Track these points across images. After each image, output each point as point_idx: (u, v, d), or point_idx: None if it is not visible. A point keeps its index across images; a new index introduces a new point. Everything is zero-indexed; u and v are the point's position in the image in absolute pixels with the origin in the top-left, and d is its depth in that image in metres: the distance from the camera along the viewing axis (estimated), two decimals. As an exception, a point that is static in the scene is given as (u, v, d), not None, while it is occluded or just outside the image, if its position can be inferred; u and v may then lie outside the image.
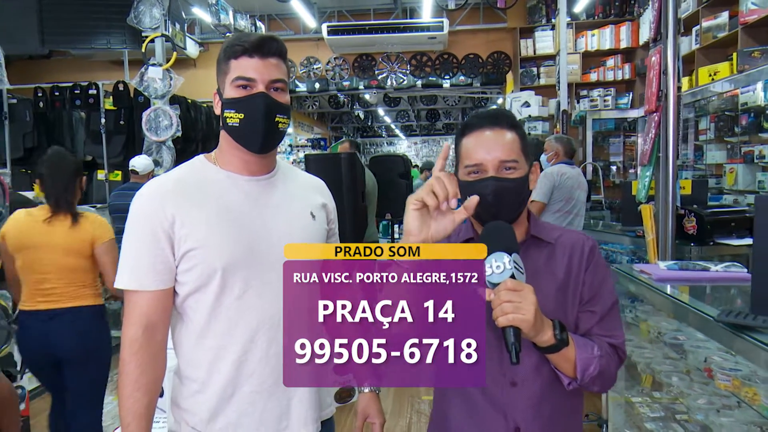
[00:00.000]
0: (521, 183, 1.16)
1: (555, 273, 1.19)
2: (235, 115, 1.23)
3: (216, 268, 1.21)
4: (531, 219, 1.24)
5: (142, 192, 1.26)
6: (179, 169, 1.32)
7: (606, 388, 1.18)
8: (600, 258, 1.22)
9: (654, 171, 2.79)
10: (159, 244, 1.21)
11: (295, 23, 8.80)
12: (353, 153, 4.34)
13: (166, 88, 5.52)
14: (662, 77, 2.69)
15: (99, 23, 5.84)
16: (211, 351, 1.24)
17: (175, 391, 1.31)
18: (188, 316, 1.26)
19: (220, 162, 1.30)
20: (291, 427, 1.27)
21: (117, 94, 6.50)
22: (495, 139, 1.16)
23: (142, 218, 1.22)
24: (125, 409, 1.21)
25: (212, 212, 1.23)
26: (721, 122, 4.82)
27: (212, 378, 1.24)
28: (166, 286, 1.23)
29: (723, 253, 2.75)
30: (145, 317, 1.22)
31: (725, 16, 4.91)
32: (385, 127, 19.95)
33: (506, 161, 1.15)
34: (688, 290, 1.85)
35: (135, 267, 1.22)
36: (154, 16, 5.50)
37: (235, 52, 1.23)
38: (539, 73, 7.90)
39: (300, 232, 1.30)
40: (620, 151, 7.05)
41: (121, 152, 6.48)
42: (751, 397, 1.50)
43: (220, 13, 6.24)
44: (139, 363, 1.21)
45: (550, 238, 1.22)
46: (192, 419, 1.26)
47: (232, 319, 1.23)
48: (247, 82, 1.22)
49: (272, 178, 1.32)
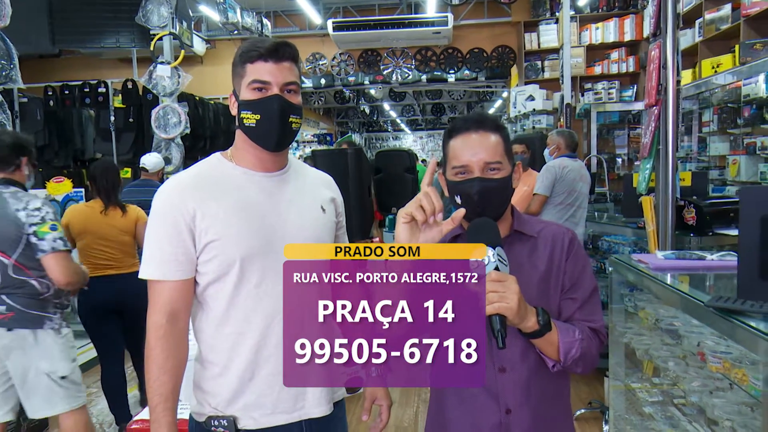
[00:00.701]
0: (505, 182, 1.25)
1: (537, 264, 1.28)
2: (252, 116, 1.32)
3: (235, 259, 1.29)
4: (515, 215, 1.33)
5: (164, 188, 1.35)
6: (198, 166, 1.40)
7: (588, 368, 1.26)
8: (579, 248, 1.31)
9: (654, 163, 2.84)
10: (181, 237, 1.29)
11: (301, 19, 8.86)
12: (360, 148, 4.42)
13: (175, 86, 5.60)
14: (662, 71, 2.74)
15: (108, 22, 5.92)
16: (230, 337, 1.32)
17: (197, 375, 1.39)
18: (208, 305, 1.34)
19: (236, 159, 1.38)
20: (306, 407, 1.36)
21: (126, 92, 6.58)
22: (480, 141, 1.24)
23: (165, 212, 1.31)
24: (152, 391, 1.29)
25: (230, 206, 1.31)
26: (724, 114, 4.85)
27: (232, 362, 1.32)
28: (188, 276, 1.31)
29: (722, 243, 2.80)
30: (168, 305, 1.30)
31: (728, 9, 4.93)
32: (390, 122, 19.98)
33: (490, 162, 1.23)
34: (684, 278, 1.91)
35: (159, 258, 1.30)
36: (162, 14, 5.57)
37: (251, 57, 1.31)
38: (543, 66, 7.93)
39: (311, 224, 1.39)
40: (625, 144, 7.07)
41: (131, 149, 6.58)
42: (740, 378, 1.57)
43: (228, 11, 6.30)
44: (165, 347, 1.29)
45: (533, 232, 1.31)
46: (214, 401, 1.34)
47: (249, 306, 1.31)
48: (262, 85, 1.31)
49: (285, 174, 1.41)
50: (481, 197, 1.22)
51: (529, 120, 7.24)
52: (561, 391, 1.32)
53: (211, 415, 1.34)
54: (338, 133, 16.45)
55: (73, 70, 8.11)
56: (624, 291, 2.44)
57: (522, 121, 7.49)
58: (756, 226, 1.33)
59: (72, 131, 6.79)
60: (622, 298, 2.45)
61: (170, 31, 5.56)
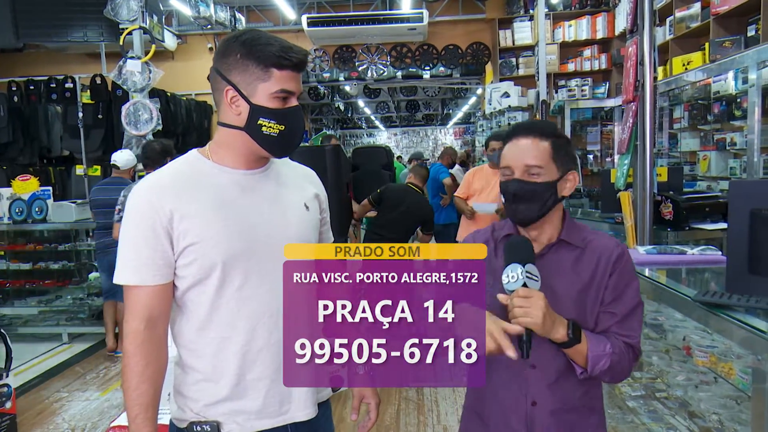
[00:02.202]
0: (544, 187, 1.29)
1: (580, 275, 1.32)
2: (276, 126, 1.25)
3: (216, 262, 1.24)
4: (566, 222, 1.36)
5: (139, 188, 1.27)
6: (174, 164, 1.32)
7: (617, 380, 1.34)
8: (627, 264, 1.33)
9: (632, 159, 2.87)
10: (158, 240, 1.23)
11: (275, 15, 8.75)
12: (338, 145, 4.37)
13: (146, 81, 5.46)
14: (639, 68, 2.77)
15: (75, 15, 5.73)
16: (214, 341, 1.27)
17: (178, 380, 1.34)
18: (189, 309, 1.29)
19: (215, 157, 1.31)
20: (292, 410, 1.32)
21: (94, 88, 6.41)
22: (524, 145, 1.31)
23: (141, 214, 1.24)
24: (131, 401, 1.23)
25: (210, 207, 1.25)
26: (694, 111, 4.95)
27: (216, 367, 1.28)
28: (166, 281, 1.25)
29: (698, 237, 2.85)
30: (147, 311, 1.24)
31: (697, 7, 5.02)
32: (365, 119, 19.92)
33: (531, 166, 1.29)
34: (666, 273, 1.93)
35: (135, 263, 1.24)
36: (132, 8, 5.42)
37: (282, 65, 1.23)
38: (518, 63, 7.98)
39: (296, 222, 1.33)
40: (598, 140, 7.18)
41: (100, 146, 6.41)
42: (727, 372, 1.59)
43: (200, 5, 6.17)
44: (144, 355, 1.23)
45: (580, 242, 1.34)
46: (196, 406, 1.30)
47: (233, 310, 1.26)
48: (287, 95, 1.26)
49: (267, 170, 1.34)
50: (517, 198, 1.29)
51: (504, 117, 7.28)
52: (588, 392, 1.35)
53: (193, 420, 1.29)
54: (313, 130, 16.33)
55: (39, 65, 7.85)
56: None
57: (497, 117, 7.54)
58: (745, 220, 1.34)
59: (38, 128, 6.58)
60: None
61: (140, 25, 5.41)
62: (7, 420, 3.35)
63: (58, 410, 3.86)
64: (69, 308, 5.52)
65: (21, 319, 5.58)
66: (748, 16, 4.33)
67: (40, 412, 3.83)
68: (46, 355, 4.90)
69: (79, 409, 3.85)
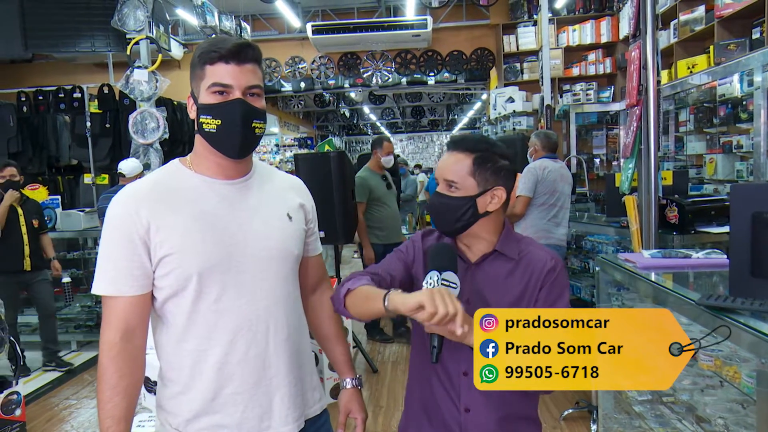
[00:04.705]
0: (459, 201, 1.31)
1: (512, 287, 1.32)
2: (212, 121, 1.22)
3: (192, 273, 1.22)
4: (503, 234, 1.36)
5: (118, 198, 1.26)
6: (154, 174, 1.31)
7: None
8: (560, 277, 1.33)
9: (636, 163, 2.87)
10: (136, 250, 1.21)
11: (280, 23, 8.81)
12: (342, 151, 4.39)
13: (152, 90, 5.51)
14: (642, 72, 2.77)
15: (83, 26, 5.79)
16: (191, 354, 1.25)
17: (159, 393, 1.33)
18: (167, 320, 1.27)
19: (195, 166, 1.30)
20: (273, 426, 1.29)
21: (102, 97, 6.46)
22: (447, 160, 1.34)
23: (118, 224, 1.22)
24: (104, 412, 1.20)
25: (188, 217, 1.23)
26: (700, 114, 4.93)
27: (194, 380, 1.26)
28: (144, 291, 1.23)
29: (704, 241, 2.84)
30: (123, 322, 1.22)
31: (702, 10, 5.02)
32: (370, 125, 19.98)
33: (448, 180, 1.33)
34: (671, 277, 1.92)
35: (113, 273, 1.22)
36: (138, 18, 5.48)
37: (211, 58, 1.22)
38: (522, 68, 7.99)
39: (277, 233, 1.31)
40: (603, 144, 7.16)
41: (108, 155, 6.45)
42: (732, 376, 1.58)
43: (207, 15, 6.23)
44: (118, 367, 1.21)
45: (513, 255, 1.34)
46: (174, 420, 1.28)
47: (210, 322, 1.24)
48: (223, 89, 1.22)
49: (248, 180, 1.32)
50: (432, 210, 1.36)
51: (509, 122, 7.28)
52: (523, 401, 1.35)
53: None
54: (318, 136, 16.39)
55: (47, 76, 7.94)
56: (611, 290, 2.45)
57: (502, 122, 7.54)
58: (747, 223, 1.34)
59: (46, 137, 6.64)
60: (610, 297, 2.46)
61: (147, 35, 5.47)
62: (17, 427, 3.38)
63: (67, 417, 3.88)
64: (77, 316, 5.57)
65: (30, 327, 5.63)
66: (753, 18, 4.33)
67: (49, 419, 3.86)
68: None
69: (88, 416, 3.87)
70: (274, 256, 1.30)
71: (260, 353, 1.27)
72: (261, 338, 1.27)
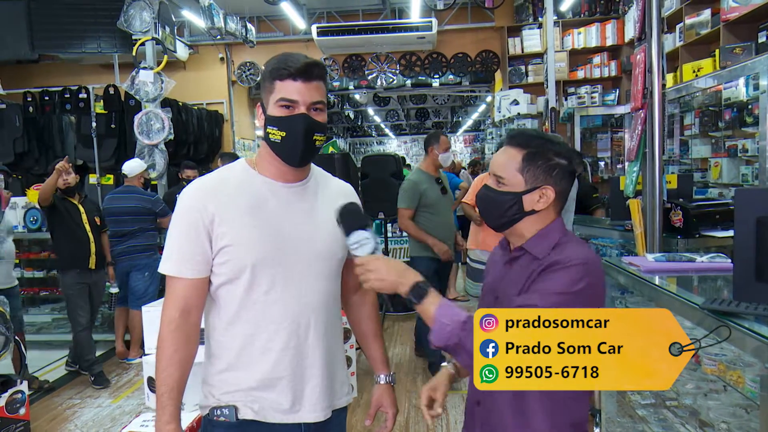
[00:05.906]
0: (503, 197, 1.30)
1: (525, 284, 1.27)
2: (278, 132, 1.36)
3: (246, 265, 1.35)
4: (540, 232, 1.30)
5: (188, 189, 1.41)
6: (222, 171, 1.45)
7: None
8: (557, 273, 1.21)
9: (641, 166, 2.86)
10: (199, 239, 1.35)
11: (285, 25, 8.82)
12: (346, 153, 4.38)
13: (158, 91, 5.54)
14: (647, 75, 2.77)
15: (89, 27, 5.83)
16: (239, 337, 1.38)
17: (205, 370, 1.46)
18: (220, 304, 1.40)
19: (259, 168, 1.43)
20: (302, 411, 1.41)
21: (108, 98, 6.50)
22: (500, 155, 1.35)
23: (187, 213, 1.37)
24: (160, 381, 1.37)
25: (247, 213, 1.36)
26: (705, 117, 4.92)
27: (239, 361, 1.39)
28: (203, 275, 1.37)
29: (708, 245, 2.83)
30: (182, 301, 1.37)
31: (707, 14, 5.00)
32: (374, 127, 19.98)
33: (497, 176, 1.33)
34: (675, 280, 1.92)
35: (177, 256, 1.37)
36: (144, 19, 5.51)
37: (281, 75, 1.35)
38: (527, 71, 7.98)
39: (325, 235, 1.42)
40: (608, 147, 7.15)
41: (113, 156, 6.49)
42: (736, 380, 1.57)
43: (213, 16, 6.26)
44: (174, 341, 1.36)
45: (539, 254, 1.27)
46: (218, 392, 1.41)
47: (259, 310, 1.37)
48: (290, 103, 1.35)
49: (305, 185, 1.45)
50: (479, 204, 1.37)
51: (514, 124, 7.28)
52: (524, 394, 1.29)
53: (214, 405, 1.40)
54: (323, 138, 16.37)
55: (53, 76, 7.98)
56: (615, 294, 2.45)
57: (507, 125, 7.53)
58: (751, 227, 1.34)
59: (52, 138, 6.68)
60: (613, 300, 2.45)
61: (153, 36, 5.50)
62: (21, 426, 3.39)
63: (70, 417, 3.90)
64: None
65: (35, 326, 5.65)
66: (759, 22, 4.31)
67: (53, 419, 3.87)
68: (59, 362, 4.95)
69: (92, 416, 3.89)
70: (321, 256, 1.42)
71: (300, 344, 1.39)
72: (303, 331, 1.39)
